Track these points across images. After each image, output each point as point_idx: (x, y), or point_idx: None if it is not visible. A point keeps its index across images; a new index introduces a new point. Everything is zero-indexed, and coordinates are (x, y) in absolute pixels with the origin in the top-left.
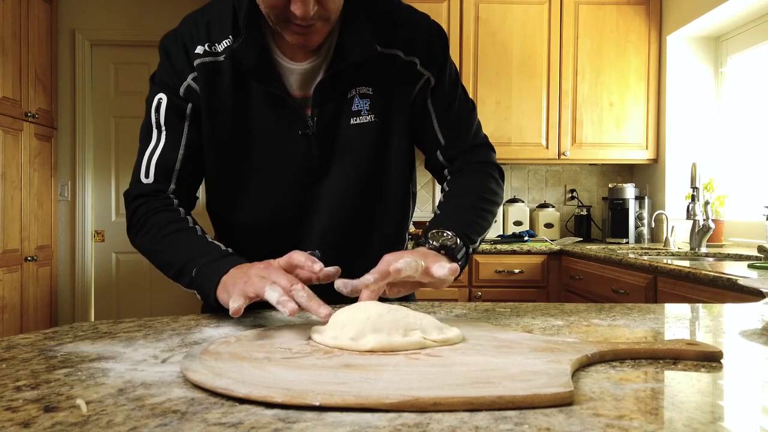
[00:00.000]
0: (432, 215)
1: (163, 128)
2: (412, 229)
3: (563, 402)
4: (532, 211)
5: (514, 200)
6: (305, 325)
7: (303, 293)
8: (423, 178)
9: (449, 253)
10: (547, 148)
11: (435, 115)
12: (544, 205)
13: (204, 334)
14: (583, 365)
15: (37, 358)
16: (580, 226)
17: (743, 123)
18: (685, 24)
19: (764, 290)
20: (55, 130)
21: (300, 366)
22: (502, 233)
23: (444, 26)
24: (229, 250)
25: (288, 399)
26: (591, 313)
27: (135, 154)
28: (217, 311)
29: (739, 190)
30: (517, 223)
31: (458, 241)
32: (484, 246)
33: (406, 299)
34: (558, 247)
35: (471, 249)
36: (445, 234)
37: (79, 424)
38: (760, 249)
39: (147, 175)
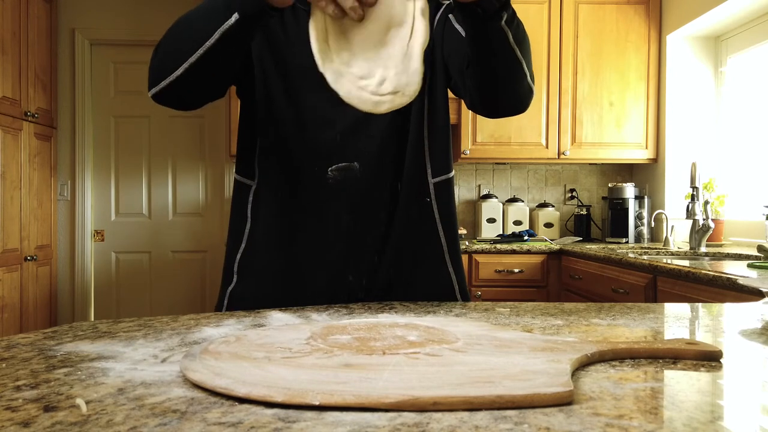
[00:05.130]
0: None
1: None
2: None
3: (563, 401)
4: (531, 211)
5: (513, 200)
6: (305, 325)
7: None
8: None
9: None
10: (547, 147)
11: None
12: (543, 205)
13: (204, 333)
14: (583, 365)
15: (36, 358)
16: (580, 225)
17: (743, 123)
18: (684, 23)
19: (764, 290)
20: (55, 130)
21: (300, 365)
22: (501, 233)
23: None
24: None
25: (288, 398)
26: (591, 312)
27: (135, 154)
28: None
29: (739, 189)
30: (517, 223)
31: None
32: (484, 246)
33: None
34: (558, 247)
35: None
36: None
37: (78, 424)
38: (760, 248)
39: None
